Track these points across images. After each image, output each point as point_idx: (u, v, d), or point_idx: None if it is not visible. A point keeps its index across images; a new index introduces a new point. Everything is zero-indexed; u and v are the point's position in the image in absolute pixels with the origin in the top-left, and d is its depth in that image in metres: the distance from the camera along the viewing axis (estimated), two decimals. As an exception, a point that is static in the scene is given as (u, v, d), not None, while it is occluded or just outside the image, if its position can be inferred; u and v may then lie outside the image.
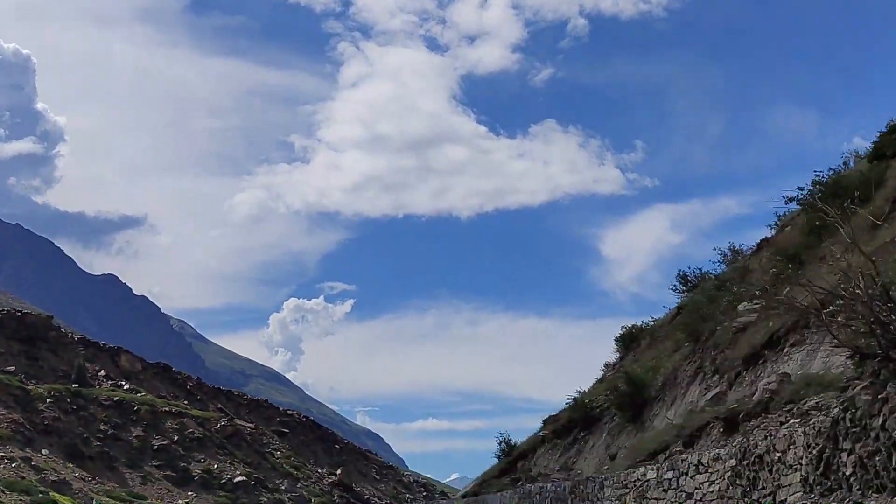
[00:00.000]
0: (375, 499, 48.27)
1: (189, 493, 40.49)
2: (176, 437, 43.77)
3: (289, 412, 54.06)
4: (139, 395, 46.36)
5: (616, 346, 38.75)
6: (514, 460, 36.71)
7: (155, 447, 42.68)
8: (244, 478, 42.52)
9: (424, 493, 52.84)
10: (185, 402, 49.16)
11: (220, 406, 50.96)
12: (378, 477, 52.33)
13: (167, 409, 45.84)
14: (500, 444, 37.92)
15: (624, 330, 37.88)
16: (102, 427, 42.33)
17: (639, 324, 37.79)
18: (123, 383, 47.82)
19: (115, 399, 44.59)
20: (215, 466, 42.61)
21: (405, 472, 54.18)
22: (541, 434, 36.33)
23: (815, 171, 24.97)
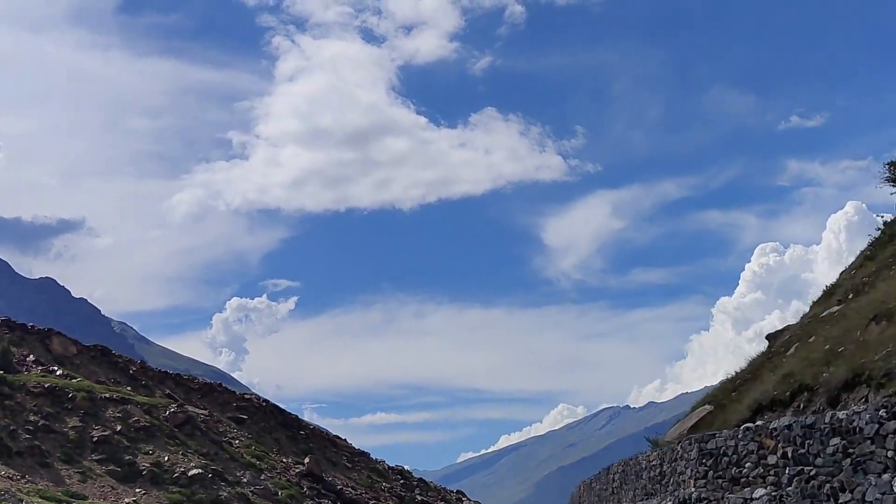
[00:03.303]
0: (349, 489, 42.84)
1: (137, 490, 34.76)
2: (119, 427, 38.00)
3: (246, 396, 48.38)
4: (74, 380, 40.46)
5: None
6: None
7: (95, 439, 36.83)
8: (200, 470, 36.85)
9: (402, 481, 47.52)
10: (128, 387, 43.28)
11: (168, 392, 45.11)
12: (350, 465, 46.92)
13: (107, 395, 40.02)
14: None
15: None
16: (32, 418, 36.49)
17: None
18: (56, 368, 41.87)
19: (47, 386, 38.68)
20: (166, 459, 36.93)
21: (379, 460, 48.59)
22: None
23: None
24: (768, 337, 36.61)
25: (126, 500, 33.84)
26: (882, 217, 35.00)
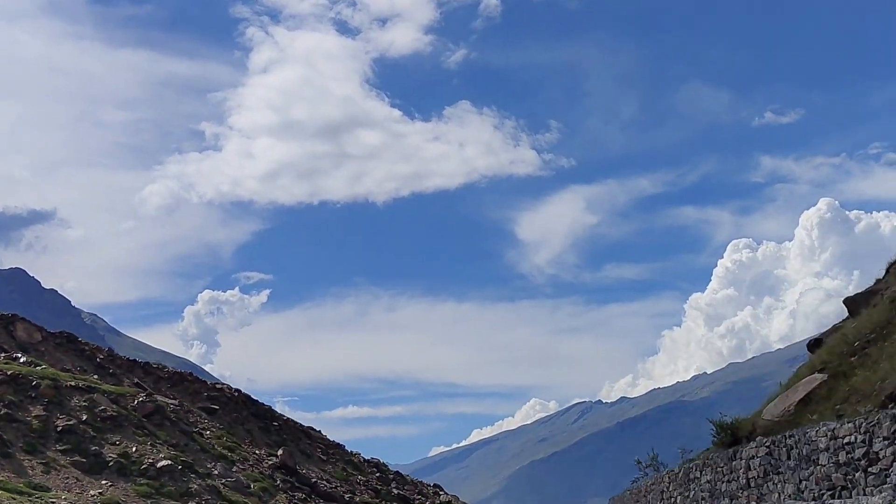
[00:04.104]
0: (324, 482, 41.50)
1: (103, 482, 33.25)
2: (85, 417, 36.46)
3: (217, 386, 46.85)
4: (39, 368, 38.85)
5: None
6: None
7: (59, 428, 35.30)
8: (169, 462, 35.40)
9: (378, 474, 46.22)
10: (95, 376, 41.71)
11: (136, 381, 43.57)
12: (324, 457, 45.56)
13: (73, 383, 38.45)
14: None
15: None
16: (-6, 406, 34.91)
17: None
18: (19, 355, 40.26)
19: (10, 373, 37.11)
20: (134, 450, 35.46)
21: (354, 452, 47.27)
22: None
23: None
24: (847, 301, 34.49)
25: (91, 492, 32.35)
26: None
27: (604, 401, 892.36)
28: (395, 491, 45.97)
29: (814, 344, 34.30)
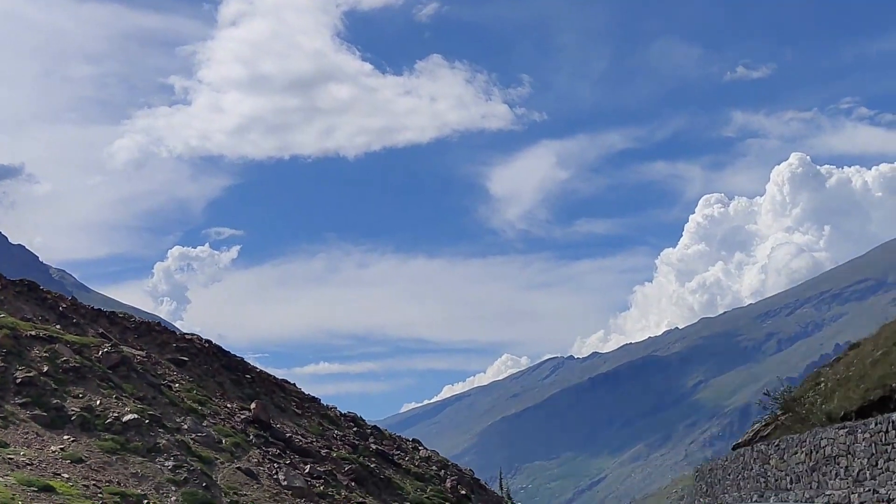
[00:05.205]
0: (299, 437, 39.74)
1: (65, 437, 31.32)
2: (46, 368, 34.42)
3: (187, 337, 44.78)
4: (-3, 317, 36.69)
5: None
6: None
7: (18, 381, 33.27)
8: (136, 416, 33.48)
9: (355, 429, 44.54)
10: (58, 325, 39.55)
11: (101, 331, 41.45)
12: (299, 411, 43.79)
13: (34, 333, 36.35)
14: None
15: None
16: (-51, 358, 32.84)
17: None
18: (-24, 305, 38.01)
19: (-34, 323, 34.91)
20: (98, 403, 33.51)
21: (331, 406, 45.50)
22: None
23: None
24: None
25: (53, 447, 30.41)
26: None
27: (576, 356, 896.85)
28: (374, 446, 44.29)
29: None
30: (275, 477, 34.25)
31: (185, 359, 42.42)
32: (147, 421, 33.56)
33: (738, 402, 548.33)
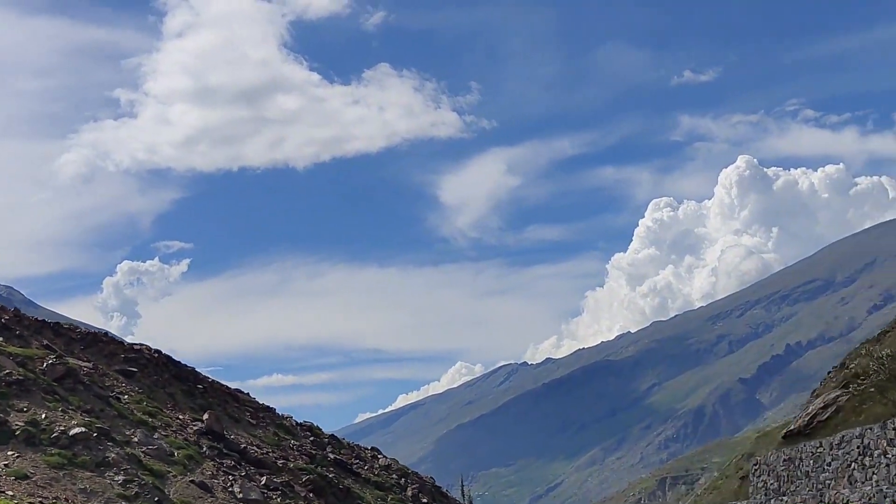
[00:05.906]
0: (254, 447, 38.61)
1: (9, 453, 29.96)
2: (-12, 382, 32.96)
3: (136, 347, 43.42)
4: (-64, 331, 35.21)
5: None
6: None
7: (-41, 396, 31.86)
8: (83, 429, 32.19)
9: (312, 438, 43.47)
10: (0, 338, 38.08)
11: (46, 342, 40.01)
12: (254, 421, 42.62)
13: (-25, 346, 34.84)
14: None
15: None
16: None
17: None
18: (-86, 317, 36.50)
19: None
20: (43, 416, 32.21)
21: (286, 416, 44.34)
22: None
23: None
24: None
25: (-5, 464, 29.12)
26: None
27: (529, 362, 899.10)
28: (332, 456, 43.20)
29: None
30: (230, 490, 33.12)
31: (134, 370, 41.05)
32: (95, 434, 32.28)
33: (691, 404, 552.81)
